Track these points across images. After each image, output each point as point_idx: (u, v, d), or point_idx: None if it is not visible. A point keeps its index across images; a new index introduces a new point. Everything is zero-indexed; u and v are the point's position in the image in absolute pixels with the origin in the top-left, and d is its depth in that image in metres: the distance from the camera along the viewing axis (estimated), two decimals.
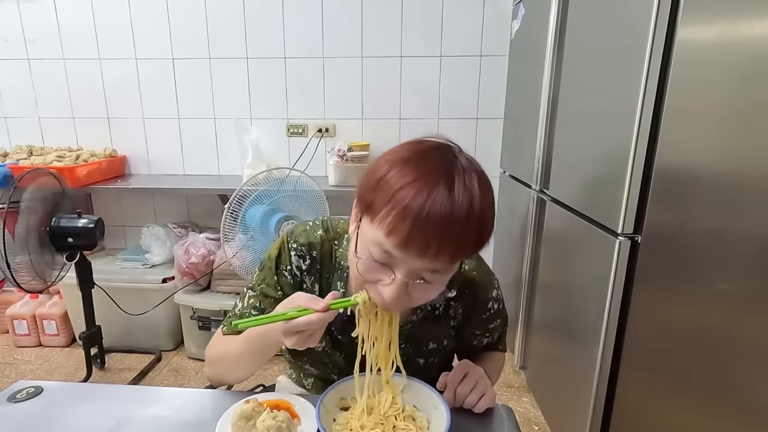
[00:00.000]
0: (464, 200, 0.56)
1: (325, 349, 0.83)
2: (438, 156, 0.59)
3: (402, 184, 0.56)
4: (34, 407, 0.75)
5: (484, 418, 0.73)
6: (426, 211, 0.54)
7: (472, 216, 0.57)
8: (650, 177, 1.09)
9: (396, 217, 0.55)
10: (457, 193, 0.55)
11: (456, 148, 0.62)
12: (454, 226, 0.55)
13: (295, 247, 0.80)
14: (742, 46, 0.99)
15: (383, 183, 0.58)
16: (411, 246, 0.56)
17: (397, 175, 0.57)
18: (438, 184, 0.55)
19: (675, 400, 1.21)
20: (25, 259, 1.65)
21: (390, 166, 0.59)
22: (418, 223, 0.54)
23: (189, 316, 2.16)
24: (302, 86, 2.35)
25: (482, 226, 0.59)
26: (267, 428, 0.63)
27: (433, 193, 0.55)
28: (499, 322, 0.88)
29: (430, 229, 0.55)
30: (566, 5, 1.51)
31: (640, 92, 1.06)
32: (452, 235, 0.56)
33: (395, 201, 0.56)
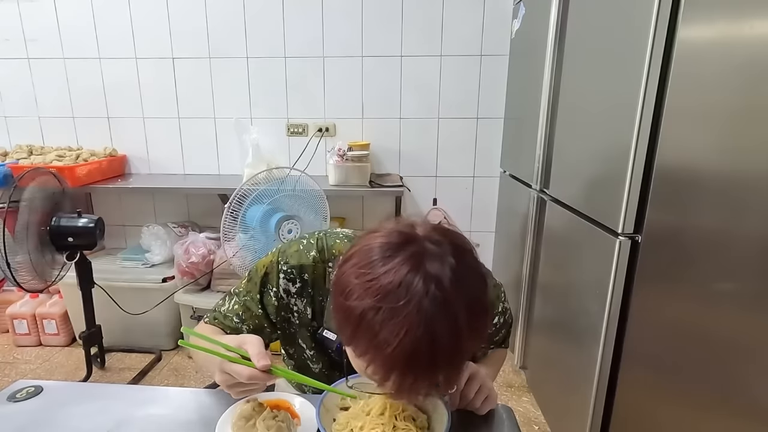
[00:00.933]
0: (448, 336, 0.50)
1: (323, 371, 0.82)
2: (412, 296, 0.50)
3: (379, 336, 0.50)
4: (34, 407, 0.75)
5: (484, 418, 0.73)
6: (411, 365, 0.50)
7: (459, 347, 0.52)
8: (650, 177, 1.09)
9: (381, 373, 0.52)
10: (440, 333, 0.49)
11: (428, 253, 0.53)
12: (442, 365, 0.52)
13: (284, 269, 0.77)
14: (742, 46, 0.99)
15: (360, 327, 0.52)
16: (401, 394, 0.55)
17: (371, 318, 0.50)
18: (417, 328, 0.49)
19: (675, 400, 1.21)
20: (25, 259, 1.65)
21: (363, 316, 0.51)
22: (402, 375, 0.51)
23: (189, 316, 2.16)
24: (302, 86, 2.34)
25: (474, 344, 0.55)
26: (267, 428, 0.63)
27: (416, 343, 0.49)
28: (503, 331, 0.87)
29: (417, 377, 0.52)
30: (567, 5, 1.51)
31: (640, 92, 1.06)
32: (442, 371, 0.53)
33: (375, 354, 0.51)
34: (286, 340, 0.85)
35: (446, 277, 0.51)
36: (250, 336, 0.65)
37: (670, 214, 1.10)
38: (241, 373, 0.60)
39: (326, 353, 0.81)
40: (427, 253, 0.52)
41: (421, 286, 0.50)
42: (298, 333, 0.82)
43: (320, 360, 0.82)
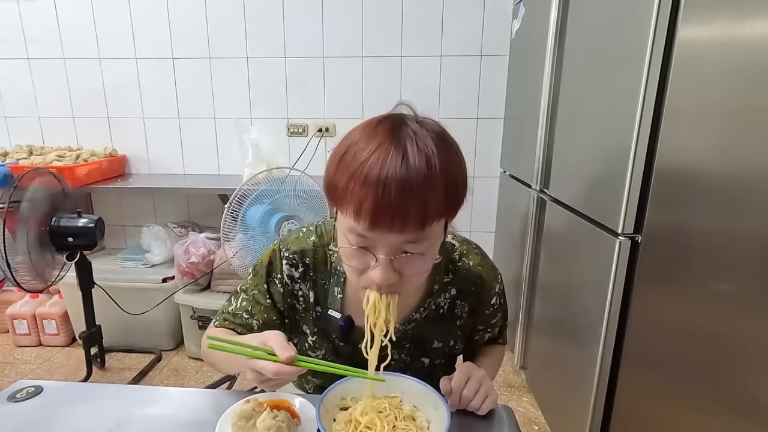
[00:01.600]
0: (419, 162, 0.55)
1: (326, 357, 0.83)
2: (386, 127, 0.59)
3: (356, 161, 0.56)
4: (34, 407, 0.75)
5: (484, 418, 0.73)
6: (383, 183, 0.54)
7: (432, 175, 0.55)
8: (650, 177, 1.09)
9: (357, 198, 0.56)
10: (411, 156, 0.55)
11: (408, 116, 0.61)
12: (414, 189, 0.54)
13: (287, 255, 0.79)
14: (742, 46, 0.99)
15: (341, 165, 0.59)
16: (379, 221, 0.56)
17: (350, 156, 0.58)
18: (389, 153, 0.55)
19: (675, 400, 1.21)
20: (25, 259, 1.65)
21: (344, 149, 0.60)
22: (378, 196, 0.54)
23: (189, 316, 2.16)
24: (302, 86, 2.34)
25: (447, 184, 0.57)
26: (267, 428, 0.63)
27: (386, 163, 0.54)
28: (500, 316, 0.87)
29: (392, 199, 0.54)
30: (567, 5, 1.51)
31: (640, 92, 1.06)
32: (415, 199, 0.55)
33: (353, 182, 0.56)
34: (291, 329, 0.86)
35: (424, 127, 0.59)
36: (270, 332, 0.66)
37: (670, 214, 1.10)
38: (268, 368, 0.61)
39: (329, 339, 0.81)
40: (407, 118, 0.61)
41: (398, 120, 0.60)
42: (302, 319, 0.83)
43: (322, 346, 0.82)
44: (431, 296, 0.78)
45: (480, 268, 0.80)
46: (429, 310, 0.79)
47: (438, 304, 0.80)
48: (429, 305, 0.79)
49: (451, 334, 0.83)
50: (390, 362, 0.80)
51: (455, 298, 0.80)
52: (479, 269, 0.80)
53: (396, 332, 0.78)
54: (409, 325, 0.79)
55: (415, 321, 0.79)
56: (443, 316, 0.81)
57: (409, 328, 0.79)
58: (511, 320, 1.10)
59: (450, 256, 0.80)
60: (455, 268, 0.79)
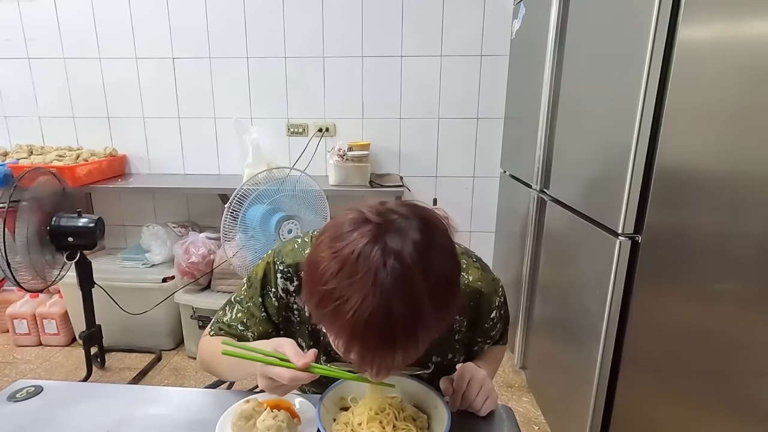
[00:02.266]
0: (405, 308, 0.51)
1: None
2: (367, 271, 0.51)
3: (340, 317, 0.52)
4: (34, 406, 0.75)
5: (485, 418, 0.73)
6: (369, 342, 0.52)
7: (420, 325, 0.53)
8: (651, 177, 1.09)
9: (345, 346, 0.55)
10: (397, 310, 0.51)
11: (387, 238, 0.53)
12: (401, 340, 0.52)
13: (281, 269, 0.78)
14: (742, 46, 0.99)
15: (321, 308, 0.55)
16: (366, 367, 0.56)
17: (331, 302, 0.53)
18: (372, 308, 0.50)
19: (675, 400, 1.21)
20: (26, 259, 1.65)
21: (321, 284, 0.54)
22: (364, 350, 0.54)
23: (189, 316, 2.16)
24: (302, 86, 2.34)
25: (437, 323, 0.55)
26: (267, 428, 0.63)
27: (371, 320, 0.51)
28: (500, 326, 0.87)
29: (378, 350, 0.53)
30: (567, 5, 1.51)
31: (640, 92, 1.06)
32: (401, 347, 0.54)
33: (339, 331, 0.54)
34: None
35: (407, 250, 0.52)
36: (283, 339, 0.67)
37: (670, 214, 1.10)
38: (284, 375, 0.62)
39: (324, 351, 0.81)
40: (391, 227, 0.54)
41: (378, 257, 0.52)
42: (298, 331, 0.83)
43: (318, 359, 0.81)
44: None
45: (480, 283, 0.79)
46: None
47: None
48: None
49: (449, 348, 0.82)
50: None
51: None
52: (479, 284, 0.79)
53: None
54: None
55: None
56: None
57: None
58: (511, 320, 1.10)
59: None
60: None
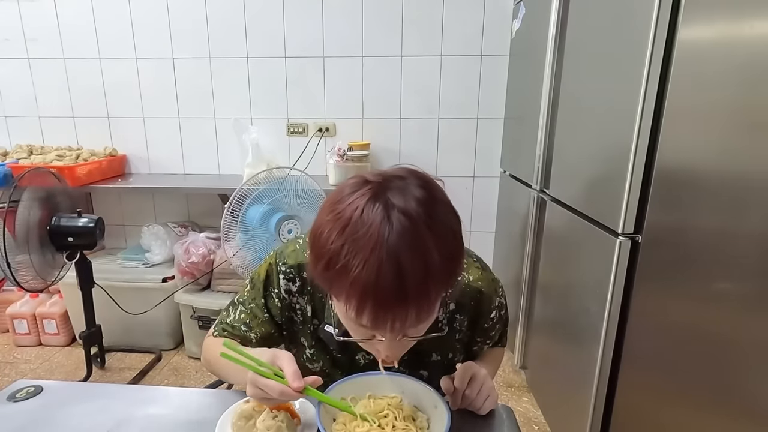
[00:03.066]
0: (417, 268, 0.52)
1: (323, 369, 0.82)
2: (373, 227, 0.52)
3: (349, 270, 0.52)
4: (34, 406, 0.75)
5: (484, 418, 0.73)
6: (381, 295, 0.52)
7: (430, 277, 0.53)
8: (651, 177, 1.09)
9: (357, 306, 0.54)
10: (407, 264, 0.52)
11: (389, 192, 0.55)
12: (413, 295, 0.53)
13: (284, 270, 0.78)
14: (742, 46, 0.99)
15: (331, 268, 0.54)
16: (380, 324, 0.55)
17: (340, 258, 0.53)
18: (381, 265, 0.51)
19: (675, 400, 1.21)
20: (26, 259, 1.65)
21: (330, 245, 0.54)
22: (378, 305, 0.53)
23: (189, 316, 2.16)
24: (302, 86, 2.34)
25: (445, 276, 0.56)
26: (267, 428, 0.63)
27: (381, 276, 0.51)
28: (499, 326, 0.87)
29: (393, 306, 0.53)
30: (567, 5, 1.51)
31: (640, 92, 1.06)
32: (414, 303, 0.54)
33: (349, 291, 0.54)
34: (289, 339, 0.85)
35: (410, 204, 0.54)
36: (283, 352, 0.66)
37: (670, 214, 1.10)
38: (274, 388, 0.61)
39: (327, 351, 0.81)
40: (391, 184, 0.56)
41: (381, 211, 0.53)
42: (300, 332, 0.83)
43: (320, 358, 0.82)
44: None
45: (480, 283, 0.79)
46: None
47: (437, 319, 0.79)
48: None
49: (449, 347, 0.82)
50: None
51: (454, 313, 0.79)
52: (479, 284, 0.79)
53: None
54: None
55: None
56: (441, 330, 0.80)
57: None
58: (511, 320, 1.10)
59: None
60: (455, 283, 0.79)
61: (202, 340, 0.88)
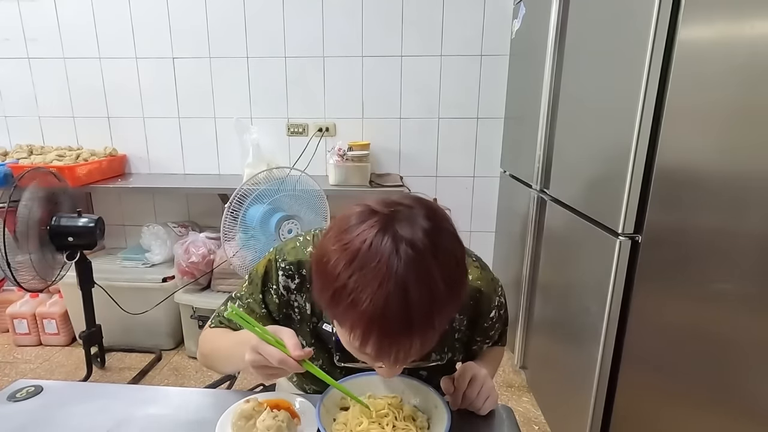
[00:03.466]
0: (423, 299, 0.52)
1: (323, 367, 0.82)
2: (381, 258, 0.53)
3: (357, 307, 0.53)
4: (34, 406, 0.75)
5: (485, 418, 0.73)
6: (387, 326, 0.53)
7: (436, 307, 0.54)
8: (651, 177, 1.09)
9: (362, 336, 0.55)
10: (414, 294, 0.52)
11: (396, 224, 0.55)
12: (418, 326, 0.54)
13: (283, 266, 0.78)
14: (742, 46, 0.99)
15: (338, 301, 0.55)
16: (385, 354, 0.56)
17: (347, 294, 0.54)
18: (389, 294, 0.52)
19: (675, 400, 1.21)
20: (26, 258, 1.65)
21: (337, 273, 0.55)
22: (382, 337, 0.54)
23: (189, 316, 2.16)
24: (302, 86, 2.34)
25: (451, 305, 0.57)
26: (267, 428, 0.63)
27: (389, 306, 0.52)
28: (499, 326, 0.87)
29: (396, 337, 0.54)
30: (567, 5, 1.51)
31: (640, 92, 1.06)
32: (418, 334, 0.55)
33: (355, 322, 0.54)
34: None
35: (417, 236, 0.54)
36: (284, 328, 0.67)
37: (670, 214, 1.10)
38: (274, 355, 0.62)
39: (326, 349, 0.81)
40: (398, 216, 0.56)
41: (390, 244, 0.53)
42: (299, 330, 0.82)
43: (319, 356, 0.82)
44: None
45: (479, 282, 0.79)
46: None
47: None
48: None
49: (449, 347, 0.82)
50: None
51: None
52: (478, 283, 0.79)
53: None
54: None
55: None
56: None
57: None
58: (511, 320, 1.10)
59: None
60: None
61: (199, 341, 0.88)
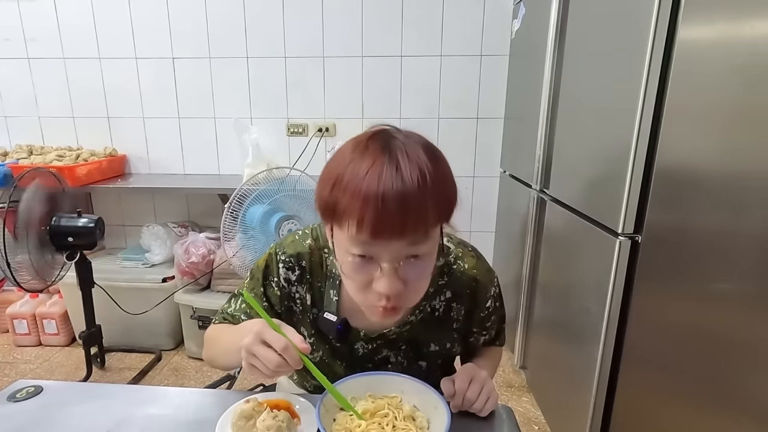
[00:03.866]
0: (413, 173, 0.57)
1: (323, 359, 0.83)
2: (377, 143, 0.60)
3: (354, 180, 0.58)
4: (33, 406, 0.75)
5: (485, 418, 0.73)
6: (381, 197, 0.56)
7: (426, 185, 0.58)
8: (651, 177, 1.09)
9: (359, 211, 0.57)
10: (405, 168, 0.57)
11: (393, 130, 0.65)
12: (412, 200, 0.57)
13: (283, 259, 0.79)
14: (742, 46, 0.99)
15: (337, 185, 0.59)
16: (381, 231, 0.57)
17: (347, 176, 0.59)
18: (384, 167, 0.57)
19: (675, 400, 1.21)
20: (25, 259, 1.65)
21: (338, 169, 0.60)
22: (379, 208, 0.56)
23: (189, 316, 2.16)
24: (302, 86, 2.34)
25: (440, 191, 0.60)
26: (267, 428, 0.63)
27: (383, 176, 0.57)
28: (495, 319, 0.87)
29: (391, 211, 0.56)
30: (567, 5, 1.51)
31: (640, 92, 1.06)
32: (412, 209, 0.57)
33: (352, 197, 0.57)
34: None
35: (413, 137, 0.63)
36: (287, 325, 0.67)
37: (670, 214, 1.10)
38: (279, 341, 0.61)
39: (326, 341, 0.82)
40: (396, 130, 0.65)
41: (388, 136, 0.62)
42: (300, 321, 0.83)
43: (319, 348, 0.83)
44: (426, 299, 0.79)
45: (475, 271, 0.80)
46: (425, 313, 0.79)
47: (433, 307, 0.80)
48: (425, 308, 0.79)
49: (447, 337, 0.83)
50: (387, 366, 0.80)
51: (450, 301, 0.80)
52: (474, 272, 0.80)
53: (392, 334, 0.79)
54: (405, 327, 0.79)
55: (411, 323, 0.79)
56: (439, 319, 0.81)
57: (404, 330, 0.79)
58: (511, 320, 1.10)
59: (445, 259, 0.80)
60: (450, 271, 0.80)
61: (202, 340, 0.88)
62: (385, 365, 0.82)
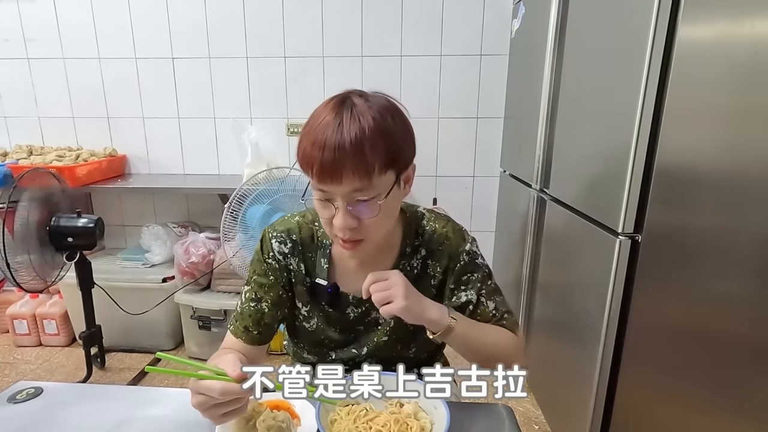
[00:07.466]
0: (353, 127, 0.67)
1: (319, 326, 0.88)
2: (334, 102, 0.71)
3: (310, 133, 0.69)
4: (34, 408, 0.75)
5: (484, 418, 0.73)
6: (322, 146, 0.67)
7: (364, 138, 0.67)
8: (651, 176, 1.09)
9: (310, 158, 0.68)
10: (345, 124, 0.67)
11: (356, 92, 0.75)
12: (347, 150, 0.66)
13: (275, 234, 0.87)
14: (742, 46, 0.99)
15: (302, 138, 0.71)
16: (324, 175, 0.68)
17: (308, 128, 0.71)
18: (330, 121, 0.68)
19: (675, 400, 1.21)
20: (25, 259, 1.65)
21: (307, 125, 0.72)
22: (320, 156, 0.67)
23: (189, 316, 2.16)
24: (302, 85, 2.34)
25: (382, 145, 0.68)
26: (267, 428, 0.63)
27: (327, 129, 0.67)
28: (476, 279, 0.84)
29: (331, 158, 0.66)
30: (567, 4, 1.51)
31: (640, 91, 1.06)
32: (348, 158, 0.66)
33: (307, 147, 0.69)
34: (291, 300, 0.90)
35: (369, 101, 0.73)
36: (227, 356, 0.65)
37: (670, 213, 1.10)
38: (213, 387, 0.58)
39: (320, 308, 0.87)
40: (353, 94, 0.75)
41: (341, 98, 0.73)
42: (297, 292, 0.88)
43: (314, 315, 0.88)
44: (404, 258, 0.85)
45: (445, 230, 0.86)
46: (404, 271, 0.81)
47: (412, 266, 0.85)
48: (404, 267, 0.84)
49: (426, 294, 0.80)
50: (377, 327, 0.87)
51: (426, 258, 0.86)
52: (444, 230, 0.86)
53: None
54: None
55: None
56: (418, 276, 0.85)
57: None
58: None
59: (419, 222, 0.88)
60: (423, 232, 0.87)
61: (202, 340, 0.89)
62: (374, 327, 0.87)
